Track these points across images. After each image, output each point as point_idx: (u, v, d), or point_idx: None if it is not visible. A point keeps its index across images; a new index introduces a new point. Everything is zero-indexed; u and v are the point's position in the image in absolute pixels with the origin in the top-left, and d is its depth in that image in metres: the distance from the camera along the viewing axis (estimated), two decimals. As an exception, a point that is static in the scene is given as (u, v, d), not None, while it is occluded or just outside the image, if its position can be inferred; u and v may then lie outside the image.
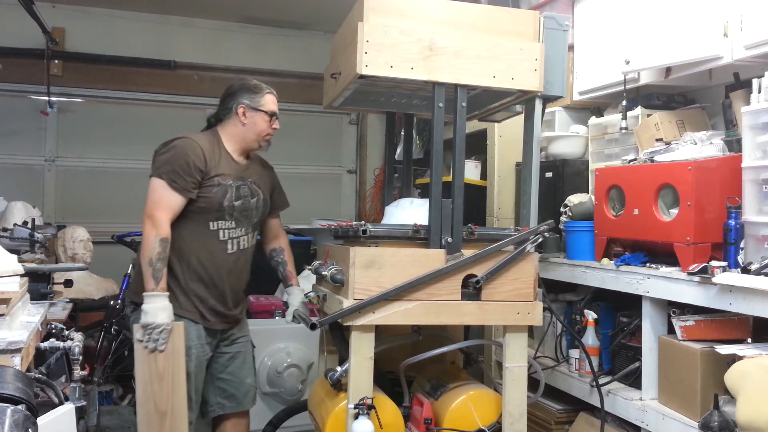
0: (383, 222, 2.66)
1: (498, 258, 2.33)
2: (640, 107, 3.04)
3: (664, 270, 2.52)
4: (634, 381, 2.76)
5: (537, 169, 2.52)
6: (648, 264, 2.65)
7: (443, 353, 2.57)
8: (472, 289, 2.32)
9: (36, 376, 1.90)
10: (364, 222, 2.38)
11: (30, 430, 1.39)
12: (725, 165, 2.46)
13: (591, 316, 2.91)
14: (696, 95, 3.11)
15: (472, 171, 4.14)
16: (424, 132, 4.71)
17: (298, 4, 4.90)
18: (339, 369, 2.37)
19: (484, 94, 2.60)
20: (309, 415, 2.78)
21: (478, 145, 4.16)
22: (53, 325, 2.30)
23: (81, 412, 2.13)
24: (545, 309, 2.54)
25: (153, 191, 2.44)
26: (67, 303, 3.06)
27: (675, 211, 2.54)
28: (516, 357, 2.37)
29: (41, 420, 1.57)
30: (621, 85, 3.05)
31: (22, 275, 2.13)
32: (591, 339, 2.89)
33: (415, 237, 2.35)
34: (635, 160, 2.87)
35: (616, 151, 3.16)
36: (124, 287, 4.13)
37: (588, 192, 3.25)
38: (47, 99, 4.84)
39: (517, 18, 2.44)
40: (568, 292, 3.24)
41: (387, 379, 2.66)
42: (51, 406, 1.83)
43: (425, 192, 3.23)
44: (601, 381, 2.78)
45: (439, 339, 2.62)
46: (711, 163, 2.47)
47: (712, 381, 2.28)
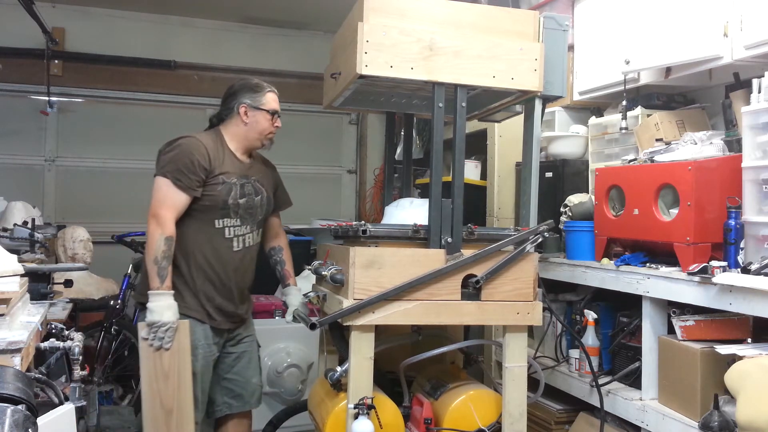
0: (383, 222, 2.66)
1: (498, 258, 2.33)
2: (640, 107, 3.04)
3: (664, 270, 2.52)
4: (634, 381, 2.75)
5: (537, 169, 2.52)
6: (648, 264, 2.65)
7: (443, 353, 2.57)
8: (471, 289, 2.32)
9: (36, 376, 1.90)
10: (364, 222, 2.38)
11: (30, 430, 1.39)
12: (725, 165, 2.46)
13: (591, 316, 2.91)
14: (696, 95, 3.11)
15: (472, 171, 4.14)
16: (424, 132, 4.71)
17: (298, 4, 4.89)
18: (339, 369, 2.37)
19: (484, 94, 2.60)
20: (309, 415, 2.78)
21: (478, 145, 4.16)
22: (53, 325, 2.30)
23: (81, 412, 2.13)
24: (545, 309, 2.54)
25: (158, 190, 2.46)
26: (67, 303, 3.06)
27: (675, 211, 2.54)
28: (516, 357, 2.37)
29: (41, 420, 1.57)
30: (621, 85, 3.05)
31: (22, 275, 2.13)
32: (591, 339, 2.89)
33: (415, 237, 2.35)
34: (635, 160, 2.87)
35: (616, 151, 3.16)
36: (124, 287, 4.14)
37: (588, 192, 3.25)
38: (47, 99, 4.83)
39: (517, 18, 2.44)
40: (568, 292, 3.24)
41: (387, 379, 2.66)
42: (51, 406, 1.83)
43: (425, 192, 3.23)
44: (601, 381, 2.78)
45: (439, 339, 2.62)
46: (711, 163, 2.47)
47: (712, 381, 2.28)
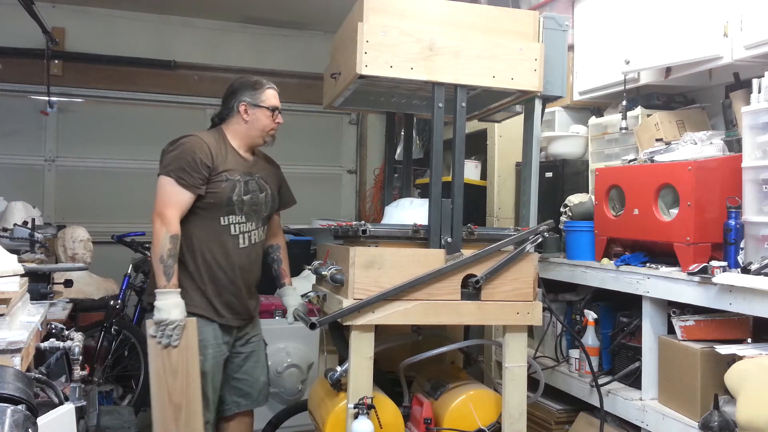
0: (383, 222, 2.66)
1: (498, 258, 2.33)
2: (640, 107, 3.04)
3: (664, 270, 2.51)
4: (634, 381, 2.75)
5: (537, 169, 2.52)
6: (648, 264, 2.65)
7: (443, 353, 2.57)
8: (471, 289, 2.32)
9: (36, 376, 1.90)
10: (364, 222, 2.38)
11: (30, 430, 1.38)
12: (725, 165, 2.46)
13: (591, 316, 2.91)
14: (696, 95, 3.11)
15: (472, 171, 4.14)
16: (424, 132, 4.72)
17: (298, 4, 4.89)
18: (339, 369, 2.37)
19: (484, 94, 2.60)
20: (309, 415, 2.78)
21: (478, 145, 4.16)
22: (53, 325, 2.29)
23: (81, 412, 2.13)
24: (545, 309, 2.54)
25: (161, 189, 2.48)
26: (67, 303, 3.05)
27: (675, 211, 2.54)
28: (516, 357, 2.37)
29: (41, 420, 1.57)
30: (621, 85, 3.05)
31: (22, 275, 2.13)
32: (591, 339, 2.89)
33: (415, 237, 2.35)
34: (635, 160, 2.87)
35: (616, 151, 3.16)
36: (124, 287, 4.14)
37: (588, 192, 3.25)
38: (47, 99, 4.83)
39: (517, 18, 2.44)
40: (568, 292, 3.24)
41: (387, 379, 2.66)
42: (51, 406, 1.83)
43: (425, 192, 3.23)
44: (601, 381, 2.78)
45: (439, 339, 2.62)
46: (711, 163, 2.47)
47: (712, 381, 2.27)
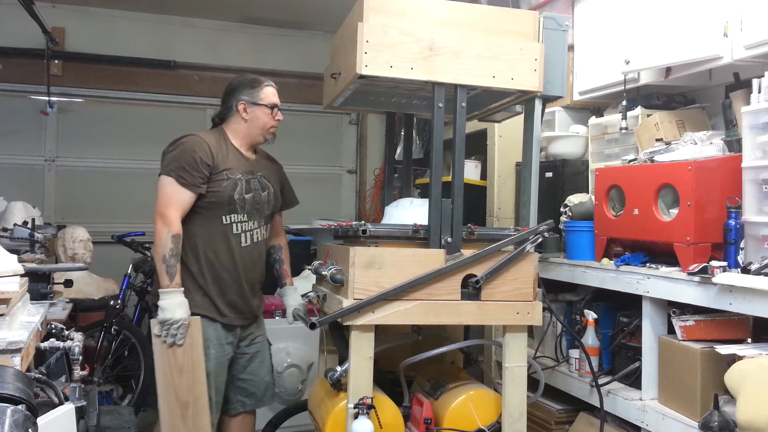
0: (383, 222, 2.66)
1: (498, 258, 2.33)
2: (640, 107, 3.04)
3: (664, 270, 2.51)
4: (634, 381, 2.75)
5: (537, 169, 2.52)
6: (648, 264, 2.65)
7: (443, 353, 2.57)
8: (471, 289, 2.32)
9: (36, 376, 1.90)
10: (364, 222, 2.38)
11: (30, 430, 1.38)
12: (725, 165, 2.46)
13: (591, 316, 2.91)
14: (696, 95, 3.11)
15: (472, 171, 4.14)
16: (424, 132, 4.71)
17: (298, 4, 4.89)
18: (339, 369, 2.37)
19: (484, 94, 2.60)
20: (309, 415, 2.78)
21: (478, 145, 4.16)
22: (53, 325, 2.29)
23: (81, 412, 2.13)
24: (545, 309, 2.54)
25: (162, 189, 2.49)
26: (67, 303, 3.06)
27: (675, 211, 2.54)
28: (516, 357, 2.37)
29: (41, 420, 1.57)
30: (621, 85, 3.05)
31: (22, 275, 2.13)
32: (591, 339, 2.89)
33: (415, 237, 2.35)
34: (635, 160, 2.87)
35: (616, 151, 3.16)
36: (124, 287, 4.14)
37: (588, 192, 3.25)
38: (47, 99, 4.83)
39: (517, 18, 2.44)
40: (568, 292, 3.24)
41: (387, 379, 2.66)
42: (51, 406, 1.83)
43: (425, 192, 3.23)
44: (601, 381, 2.78)
45: (439, 339, 2.62)
46: (711, 163, 2.47)
47: (712, 381, 2.27)
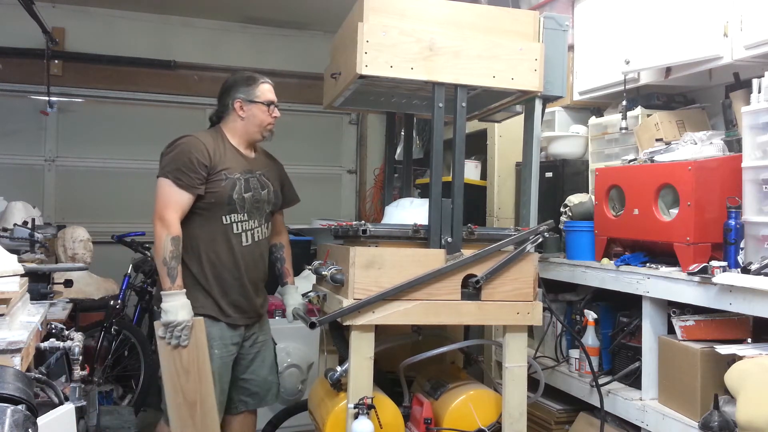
0: (383, 222, 2.66)
1: (498, 258, 2.33)
2: (640, 107, 3.04)
3: (664, 270, 2.51)
4: (634, 381, 2.75)
5: (537, 169, 2.52)
6: (648, 264, 2.65)
7: (443, 353, 2.57)
8: (471, 289, 2.32)
9: (36, 376, 1.90)
10: (364, 222, 2.38)
11: (30, 430, 1.38)
12: (725, 165, 2.46)
13: (591, 316, 2.91)
14: (696, 95, 3.11)
15: (472, 171, 4.14)
16: (424, 132, 4.71)
17: (298, 4, 4.89)
18: (339, 369, 2.37)
19: (484, 94, 2.60)
20: (309, 415, 2.78)
21: (478, 145, 4.16)
22: (53, 325, 2.30)
23: (81, 412, 2.13)
24: (545, 309, 2.53)
25: (160, 191, 2.49)
26: (67, 303, 3.06)
27: (675, 211, 2.54)
28: (516, 357, 2.37)
29: (41, 420, 1.57)
30: (621, 85, 3.05)
31: (22, 275, 2.13)
32: (591, 339, 2.89)
33: (415, 237, 2.35)
34: (635, 160, 2.87)
35: (616, 151, 3.16)
36: (124, 287, 4.14)
37: (588, 192, 3.25)
38: (47, 99, 4.83)
39: (517, 18, 2.44)
40: (568, 292, 3.24)
41: (387, 379, 2.66)
42: (51, 406, 1.83)
43: (425, 192, 3.23)
44: (601, 381, 2.78)
45: (439, 339, 2.62)
46: (711, 163, 2.47)
47: (712, 381, 2.27)
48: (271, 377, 2.79)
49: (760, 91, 2.36)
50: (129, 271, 4.21)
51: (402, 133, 3.47)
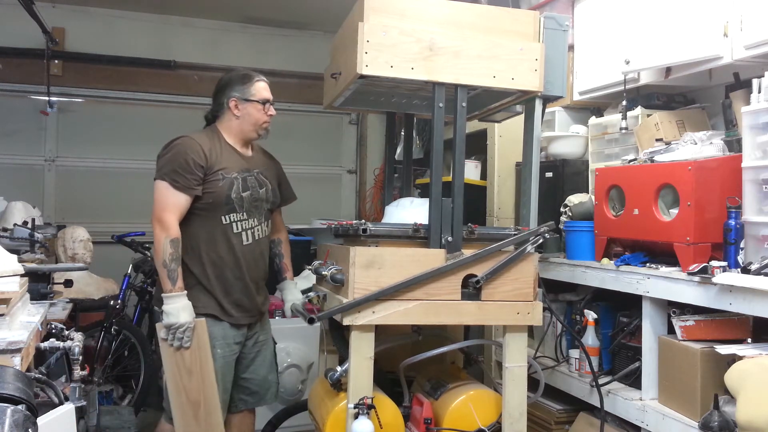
0: (383, 221, 2.66)
1: (498, 258, 2.33)
2: (640, 107, 3.04)
3: (664, 270, 2.52)
4: (634, 381, 2.75)
5: (537, 169, 2.52)
6: (648, 264, 2.65)
7: (443, 353, 2.57)
8: (472, 289, 2.32)
9: (36, 376, 1.90)
10: (364, 221, 2.38)
11: (30, 430, 1.38)
12: (725, 165, 2.46)
13: (591, 316, 2.91)
14: (696, 95, 3.11)
15: (472, 171, 4.14)
16: (424, 132, 4.71)
17: (298, 4, 4.89)
18: (339, 369, 2.37)
19: (484, 94, 2.60)
20: (309, 415, 2.78)
21: (478, 145, 4.16)
22: (53, 325, 2.30)
23: (81, 412, 2.13)
24: (545, 309, 2.54)
25: (158, 193, 2.48)
26: (67, 303, 3.05)
27: (675, 211, 2.54)
28: (516, 357, 2.37)
29: (41, 420, 1.57)
30: (621, 85, 3.05)
31: (22, 275, 2.13)
32: (591, 339, 2.89)
33: (415, 236, 2.35)
34: (635, 160, 2.87)
35: (616, 151, 3.16)
36: (124, 287, 4.14)
37: (588, 192, 3.25)
38: (47, 99, 4.83)
39: (517, 18, 2.44)
40: (568, 292, 3.24)
41: (387, 379, 2.66)
42: (51, 406, 1.83)
43: (425, 192, 3.23)
44: (601, 381, 2.78)
45: (439, 339, 2.62)
46: (711, 163, 2.47)
47: (712, 381, 2.28)
48: (271, 376, 2.79)
49: (760, 91, 2.36)
50: (129, 271, 4.21)
51: (402, 133, 3.47)
